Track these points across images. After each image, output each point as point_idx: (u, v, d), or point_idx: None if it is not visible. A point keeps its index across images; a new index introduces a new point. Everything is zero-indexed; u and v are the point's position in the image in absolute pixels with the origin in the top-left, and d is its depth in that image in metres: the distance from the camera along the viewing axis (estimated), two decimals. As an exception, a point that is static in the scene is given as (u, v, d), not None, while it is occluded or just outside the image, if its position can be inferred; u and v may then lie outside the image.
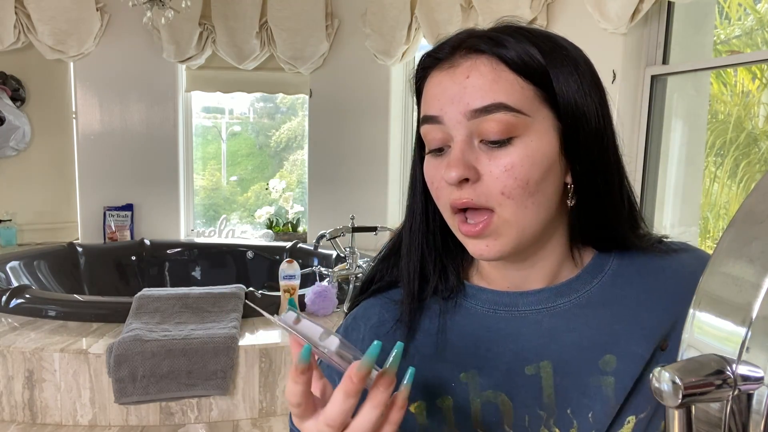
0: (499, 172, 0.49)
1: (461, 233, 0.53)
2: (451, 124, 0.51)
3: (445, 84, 0.51)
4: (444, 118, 0.51)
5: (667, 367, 0.30)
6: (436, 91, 0.52)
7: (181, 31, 3.42)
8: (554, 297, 0.56)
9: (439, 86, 0.52)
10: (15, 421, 2.04)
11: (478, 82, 0.50)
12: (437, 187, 0.53)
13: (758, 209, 0.32)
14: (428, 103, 0.53)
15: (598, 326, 0.55)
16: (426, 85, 0.54)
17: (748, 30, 2.54)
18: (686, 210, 2.45)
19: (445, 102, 0.51)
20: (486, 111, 0.49)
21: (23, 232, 3.66)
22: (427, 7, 3.15)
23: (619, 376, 0.53)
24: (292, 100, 4.39)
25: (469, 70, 0.50)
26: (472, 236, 0.52)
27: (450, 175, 0.49)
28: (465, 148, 0.50)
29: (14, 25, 3.27)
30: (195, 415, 2.07)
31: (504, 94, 0.49)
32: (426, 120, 0.53)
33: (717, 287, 0.32)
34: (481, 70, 0.50)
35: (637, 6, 2.06)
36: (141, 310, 2.29)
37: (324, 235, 2.52)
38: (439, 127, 0.52)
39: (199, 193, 4.13)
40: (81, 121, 3.60)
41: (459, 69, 0.51)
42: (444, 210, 0.54)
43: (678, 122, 2.37)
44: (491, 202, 0.50)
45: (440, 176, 0.52)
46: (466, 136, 0.50)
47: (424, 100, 0.54)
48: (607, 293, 0.56)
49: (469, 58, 0.51)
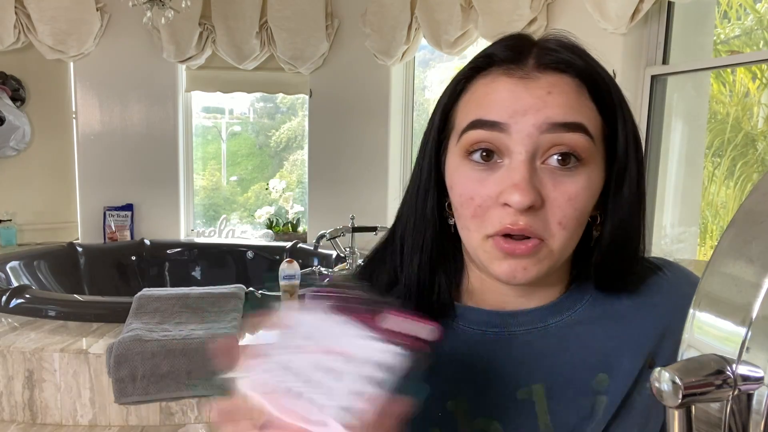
0: (563, 201, 0.47)
1: (498, 250, 0.48)
2: (518, 136, 0.47)
3: (518, 93, 0.47)
4: (511, 128, 0.47)
5: (667, 367, 0.30)
6: (504, 97, 0.48)
7: (181, 31, 3.42)
8: (546, 316, 0.54)
9: (509, 93, 0.47)
10: (15, 421, 2.04)
11: (562, 100, 0.47)
12: (479, 205, 0.48)
13: (758, 209, 0.32)
14: (489, 108, 0.48)
15: (590, 345, 0.54)
16: (479, 87, 0.50)
17: (748, 30, 2.54)
18: (686, 210, 2.45)
19: (517, 111, 0.47)
20: (566, 128, 0.46)
21: (23, 232, 3.66)
22: (427, 7, 3.15)
23: (610, 394, 0.52)
24: (292, 100, 4.39)
25: (552, 87, 0.47)
26: (513, 255, 0.48)
27: (517, 199, 0.45)
28: (531, 169, 0.46)
29: (14, 25, 3.27)
30: (195, 415, 2.07)
31: (584, 118, 0.48)
32: (481, 125, 0.48)
33: (717, 287, 0.32)
34: (564, 89, 0.48)
35: (637, 6, 2.06)
36: (141, 310, 2.29)
37: (324, 235, 2.52)
38: (499, 136, 0.47)
39: (199, 193, 4.13)
40: (81, 121, 3.60)
41: (537, 83, 0.48)
42: (477, 230, 0.49)
43: (678, 122, 2.37)
44: (545, 232, 0.47)
45: (487, 194, 0.47)
46: (531, 154, 0.47)
47: (475, 103, 0.49)
48: (597, 310, 0.55)
49: (550, 74, 0.48)
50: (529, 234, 0.47)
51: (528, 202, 0.45)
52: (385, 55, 3.43)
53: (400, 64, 3.55)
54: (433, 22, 3.13)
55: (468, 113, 0.49)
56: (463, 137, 0.49)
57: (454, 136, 0.51)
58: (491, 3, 2.73)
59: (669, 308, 0.55)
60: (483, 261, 0.50)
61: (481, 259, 0.50)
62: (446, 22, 3.05)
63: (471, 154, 0.49)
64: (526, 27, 2.58)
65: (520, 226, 0.46)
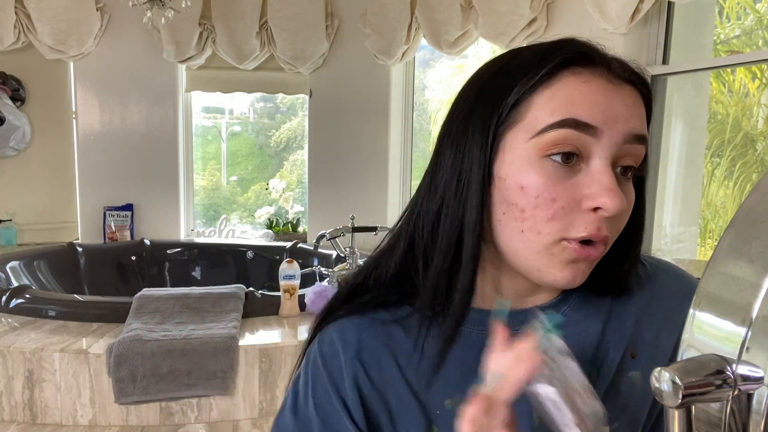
0: (628, 206, 0.48)
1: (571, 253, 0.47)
2: (607, 143, 0.46)
3: (612, 98, 0.47)
4: (604, 133, 0.46)
5: (667, 367, 0.30)
6: (600, 100, 0.46)
7: (181, 31, 3.42)
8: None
9: (604, 97, 0.46)
10: (15, 421, 2.04)
11: (639, 112, 0.49)
12: (562, 207, 0.46)
13: (758, 209, 0.32)
14: (584, 108, 0.46)
15: (581, 342, 0.55)
16: (572, 84, 0.47)
17: (748, 30, 2.54)
18: (686, 210, 2.45)
19: (611, 116, 0.46)
20: (640, 140, 0.48)
21: (23, 232, 3.66)
22: (427, 7, 3.15)
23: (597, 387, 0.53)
24: (292, 100, 4.39)
25: (633, 97, 0.48)
26: (584, 259, 0.47)
27: (612, 205, 0.45)
28: (614, 176, 0.47)
29: (14, 25, 3.27)
30: (195, 415, 2.07)
31: (647, 131, 0.50)
32: (574, 125, 0.46)
33: (717, 287, 0.32)
34: (639, 102, 0.49)
35: (637, 6, 2.06)
36: (141, 310, 2.29)
37: (324, 235, 2.52)
38: (587, 139, 0.46)
39: (199, 193, 4.13)
40: (81, 121, 3.60)
41: (624, 90, 0.48)
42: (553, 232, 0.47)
43: (678, 122, 2.37)
44: (611, 236, 0.48)
45: (570, 195, 0.46)
46: (612, 161, 0.47)
47: (569, 101, 0.46)
48: (584, 308, 0.56)
49: (629, 86, 0.49)
50: (605, 240, 0.47)
51: (622, 207, 0.45)
52: (385, 55, 3.43)
53: (400, 64, 3.55)
54: (433, 22, 3.13)
55: (554, 109, 0.46)
56: (546, 135, 0.46)
57: (524, 132, 0.48)
58: (491, 3, 2.73)
59: (645, 297, 0.57)
60: (540, 266, 0.49)
61: (540, 263, 0.49)
62: (446, 22, 3.05)
63: (552, 153, 0.46)
64: (526, 27, 2.58)
65: (604, 234, 0.46)
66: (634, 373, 0.55)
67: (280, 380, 2.13)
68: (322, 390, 0.54)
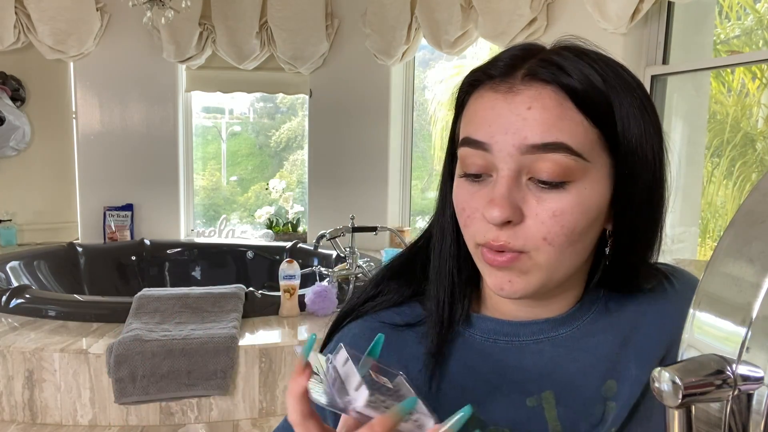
0: (546, 217, 0.46)
1: (483, 261, 0.50)
2: (499, 155, 0.46)
3: (499, 110, 0.46)
4: (492, 147, 0.46)
5: (667, 367, 0.30)
6: (488, 114, 0.47)
7: (181, 31, 3.42)
8: (557, 326, 0.54)
9: (491, 110, 0.47)
10: (15, 421, 2.04)
11: (541, 116, 0.45)
12: (468, 216, 0.49)
13: (758, 209, 0.32)
14: (475, 126, 0.48)
15: (599, 353, 0.54)
16: (473, 103, 0.49)
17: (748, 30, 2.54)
18: (686, 210, 2.45)
19: (497, 130, 0.46)
20: (544, 149, 0.45)
21: (23, 232, 3.66)
22: (427, 7, 3.15)
23: (619, 400, 0.52)
24: (292, 100, 4.39)
25: (532, 101, 0.46)
26: (496, 266, 0.48)
27: (493, 215, 0.46)
28: (512, 185, 0.46)
29: (14, 25, 3.27)
30: (195, 415, 2.07)
31: (567, 135, 0.45)
32: (468, 143, 0.48)
33: (717, 287, 0.32)
34: (545, 103, 0.45)
35: (637, 6, 2.06)
36: (141, 310, 2.29)
37: (324, 235, 2.52)
38: (483, 155, 0.47)
39: (199, 193, 4.13)
40: (81, 121, 3.60)
41: (519, 97, 0.46)
42: (469, 239, 0.51)
43: (678, 122, 2.37)
44: (528, 246, 0.47)
45: (475, 206, 0.48)
46: (514, 171, 0.46)
47: (468, 119, 0.49)
48: (604, 319, 0.56)
49: (533, 86, 0.46)
50: (508, 249, 0.47)
51: (502, 218, 0.46)
52: (385, 55, 3.43)
53: (400, 64, 3.55)
54: (433, 22, 3.13)
55: (462, 130, 0.50)
56: (459, 154, 0.50)
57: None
58: (491, 3, 2.73)
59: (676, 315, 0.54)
60: (482, 271, 0.52)
61: (480, 269, 0.52)
62: (446, 22, 3.05)
63: (462, 169, 0.50)
64: (526, 27, 2.58)
65: (500, 242, 0.47)
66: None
67: (280, 380, 2.13)
68: None
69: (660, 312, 0.55)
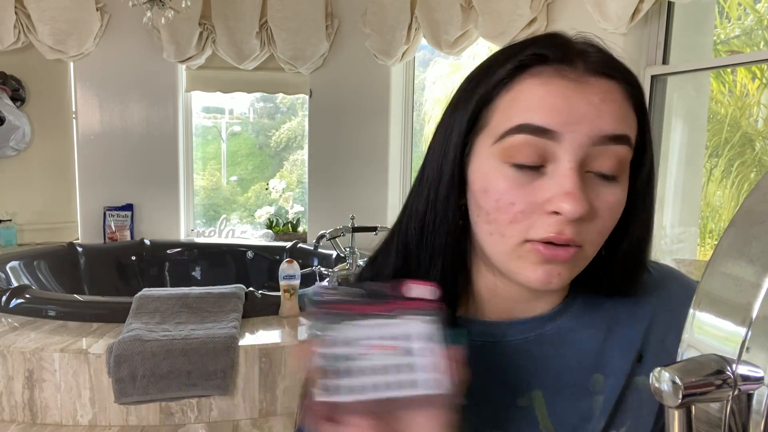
0: (605, 211, 0.46)
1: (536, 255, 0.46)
2: (569, 146, 0.45)
3: (572, 98, 0.45)
4: (563, 137, 0.44)
5: (667, 367, 0.30)
6: (558, 102, 0.45)
7: (181, 31, 3.42)
8: (543, 324, 0.54)
9: (563, 99, 0.45)
10: (15, 421, 2.04)
11: (613, 109, 0.45)
12: (521, 210, 0.46)
13: (758, 209, 0.32)
14: (541, 113, 0.45)
15: (584, 347, 0.54)
16: (529, 87, 0.46)
17: (748, 30, 2.55)
18: (686, 210, 2.45)
19: (571, 119, 0.44)
20: (615, 140, 0.45)
21: (23, 232, 3.66)
22: (427, 7, 3.15)
23: (606, 393, 0.53)
24: (292, 100, 4.39)
25: (604, 93, 0.45)
26: (552, 260, 0.46)
27: (573, 209, 0.43)
28: (581, 178, 0.45)
29: (14, 25, 3.27)
30: (195, 415, 2.07)
31: (630, 129, 0.47)
32: (530, 130, 0.45)
33: (717, 287, 0.32)
34: (615, 97, 0.46)
35: (637, 6, 2.06)
36: (141, 310, 2.29)
37: (324, 235, 2.52)
38: (545, 143, 0.45)
39: (199, 193, 4.13)
40: (81, 121, 3.60)
41: (590, 88, 0.45)
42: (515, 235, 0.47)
43: (678, 122, 2.37)
44: (586, 241, 0.46)
45: (530, 200, 0.46)
46: (579, 164, 0.45)
47: (526, 105, 0.46)
48: (588, 313, 0.56)
49: (602, 80, 0.46)
50: (572, 243, 0.46)
51: (581, 212, 0.44)
52: (385, 55, 3.43)
53: (400, 64, 3.55)
54: (433, 22, 3.13)
55: (513, 115, 0.46)
56: (505, 140, 0.46)
57: (489, 137, 0.48)
58: (491, 3, 2.73)
59: (654, 303, 0.56)
60: (514, 267, 0.48)
61: (512, 265, 0.48)
62: (446, 22, 3.05)
63: (512, 158, 0.46)
64: (526, 27, 2.58)
65: (566, 236, 0.45)
66: (641, 378, 0.54)
67: (280, 380, 2.13)
68: None
69: (638, 302, 0.56)
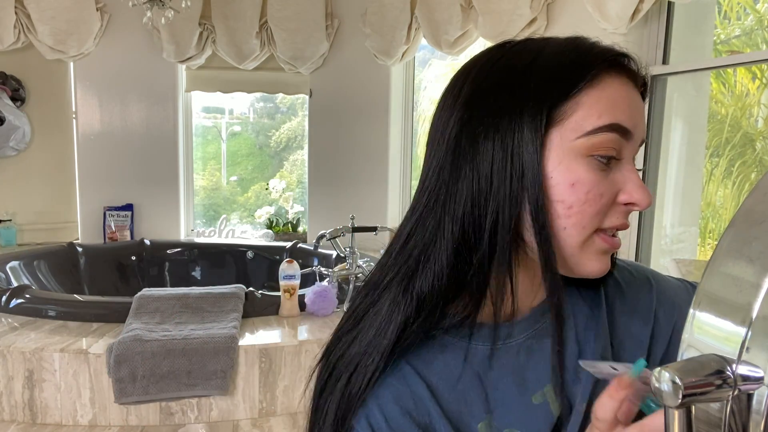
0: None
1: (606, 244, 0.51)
2: (633, 146, 0.50)
3: (635, 101, 0.50)
4: (634, 136, 0.50)
5: (667, 367, 0.30)
6: (631, 104, 0.49)
7: (181, 31, 3.42)
8: (537, 318, 0.56)
9: (632, 101, 0.50)
10: (15, 421, 2.04)
11: (644, 118, 0.51)
12: (605, 203, 0.49)
13: (758, 209, 0.32)
14: (624, 113, 0.48)
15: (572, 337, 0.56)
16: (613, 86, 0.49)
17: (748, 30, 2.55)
18: (686, 210, 2.45)
19: (637, 123, 0.50)
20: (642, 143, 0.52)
21: (23, 232, 3.66)
22: (427, 7, 3.15)
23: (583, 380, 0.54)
24: (292, 100, 4.39)
25: (643, 106, 0.51)
26: (611, 249, 0.51)
27: (646, 202, 0.49)
28: None
29: (14, 25, 3.27)
30: (195, 415, 2.07)
31: None
32: (620, 130, 0.48)
33: (717, 287, 0.32)
34: (641, 104, 0.52)
35: (637, 6, 2.06)
36: (141, 310, 2.29)
37: (324, 235, 2.52)
38: (622, 142, 0.49)
39: (199, 193, 4.13)
40: (81, 121, 3.60)
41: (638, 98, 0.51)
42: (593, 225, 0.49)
43: (678, 122, 2.37)
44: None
45: (612, 191, 0.49)
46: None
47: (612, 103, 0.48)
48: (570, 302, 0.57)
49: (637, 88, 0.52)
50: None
51: (650, 202, 0.50)
52: (385, 55, 3.43)
53: (400, 64, 3.55)
54: (433, 22, 3.13)
55: (602, 111, 0.47)
56: (596, 136, 0.47)
57: (571, 131, 0.48)
58: (491, 3, 2.73)
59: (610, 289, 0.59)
60: (580, 259, 0.51)
61: (580, 257, 0.50)
62: (446, 22, 3.05)
63: (598, 152, 0.48)
64: (526, 27, 2.58)
65: (628, 225, 0.51)
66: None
67: (280, 380, 2.13)
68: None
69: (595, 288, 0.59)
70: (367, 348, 0.51)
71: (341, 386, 0.51)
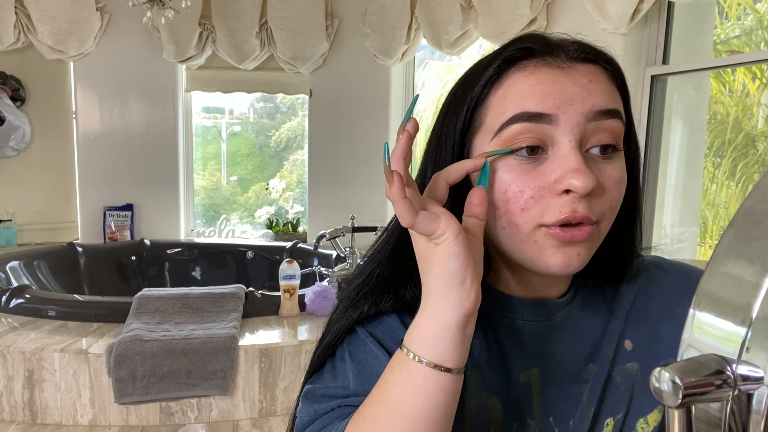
0: (611, 186, 0.48)
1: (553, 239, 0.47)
2: (565, 127, 0.47)
3: (562, 83, 0.47)
4: (559, 118, 0.46)
5: (667, 367, 0.30)
6: (549, 88, 0.47)
7: (181, 31, 3.42)
8: (555, 310, 0.57)
9: (553, 84, 0.47)
10: (15, 421, 2.04)
11: (602, 88, 0.48)
12: (531, 196, 0.47)
13: (758, 209, 0.32)
14: (534, 100, 0.47)
15: (586, 337, 0.57)
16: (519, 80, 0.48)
17: (748, 30, 2.55)
18: (686, 210, 2.45)
19: (564, 101, 0.47)
20: (608, 115, 0.47)
21: (23, 232, 3.66)
22: (427, 7, 3.15)
23: (592, 381, 0.55)
24: (292, 100, 4.39)
25: (590, 75, 0.48)
26: (570, 242, 0.47)
27: (580, 184, 0.45)
28: (582, 156, 0.47)
29: (14, 25, 3.27)
30: (195, 415, 2.07)
31: (619, 105, 0.49)
32: (527, 117, 0.47)
33: (717, 287, 0.32)
34: (600, 78, 0.49)
35: (637, 6, 2.06)
36: (141, 310, 2.29)
37: (324, 235, 2.52)
38: (542, 129, 0.47)
39: (199, 193, 4.13)
40: (81, 121, 3.60)
41: (577, 72, 0.48)
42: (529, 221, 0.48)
43: (678, 122, 2.37)
44: (599, 216, 0.48)
45: (537, 184, 0.47)
46: (578, 142, 0.47)
47: (518, 96, 0.48)
48: (588, 304, 0.58)
49: (586, 64, 0.49)
50: (587, 221, 0.47)
51: (591, 185, 0.45)
52: (385, 55, 3.43)
53: (400, 64, 3.55)
54: (433, 22, 3.13)
55: (506, 107, 0.48)
56: (503, 132, 0.48)
57: (486, 134, 0.49)
58: (491, 3, 2.73)
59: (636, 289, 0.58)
60: (531, 255, 0.49)
61: (529, 253, 0.49)
62: (446, 22, 3.05)
63: (513, 149, 0.48)
64: (526, 27, 2.58)
65: (581, 214, 0.46)
66: (632, 364, 0.56)
67: (280, 380, 2.13)
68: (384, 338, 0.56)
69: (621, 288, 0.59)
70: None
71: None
